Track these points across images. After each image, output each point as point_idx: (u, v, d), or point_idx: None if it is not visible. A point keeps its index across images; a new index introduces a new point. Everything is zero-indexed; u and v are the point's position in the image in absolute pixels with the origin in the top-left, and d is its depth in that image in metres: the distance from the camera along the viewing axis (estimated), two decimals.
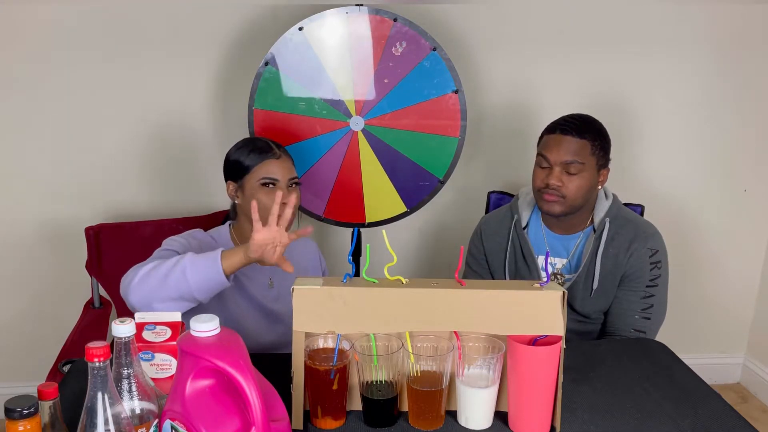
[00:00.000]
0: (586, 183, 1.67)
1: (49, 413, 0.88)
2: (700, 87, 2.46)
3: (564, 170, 1.66)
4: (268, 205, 1.53)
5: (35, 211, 2.31)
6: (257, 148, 1.62)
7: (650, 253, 1.70)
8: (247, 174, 1.61)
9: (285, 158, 1.63)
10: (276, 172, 1.59)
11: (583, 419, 1.18)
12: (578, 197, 1.68)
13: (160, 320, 1.16)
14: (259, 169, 1.60)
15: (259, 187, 1.59)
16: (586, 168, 1.66)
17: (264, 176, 1.59)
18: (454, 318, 1.14)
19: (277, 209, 1.37)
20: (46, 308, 2.39)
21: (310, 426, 1.15)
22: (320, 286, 1.13)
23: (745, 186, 2.60)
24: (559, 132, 1.68)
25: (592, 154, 1.67)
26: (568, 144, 1.66)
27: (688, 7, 2.37)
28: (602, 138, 1.70)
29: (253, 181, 1.60)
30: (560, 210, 1.69)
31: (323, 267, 1.85)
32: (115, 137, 2.27)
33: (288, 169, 1.62)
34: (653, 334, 1.71)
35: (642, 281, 1.70)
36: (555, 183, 1.66)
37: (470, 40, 2.32)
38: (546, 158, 1.68)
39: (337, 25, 1.97)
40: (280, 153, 1.62)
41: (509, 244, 1.82)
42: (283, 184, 1.60)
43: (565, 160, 1.65)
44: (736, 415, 1.21)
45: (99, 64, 2.21)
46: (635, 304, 1.70)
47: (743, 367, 2.81)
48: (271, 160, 1.60)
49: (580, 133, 1.66)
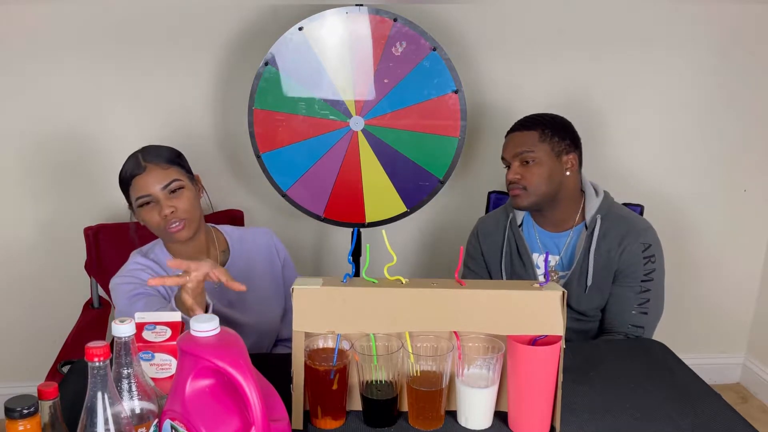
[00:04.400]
0: (545, 170, 1.71)
1: (49, 413, 0.88)
2: (699, 87, 2.46)
3: (519, 163, 1.73)
4: (153, 224, 1.51)
5: (35, 211, 2.32)
6: (127, 168, 1.52)
7: (643, 247, 1.71)
8: (129, 198, 1.54)
9: (152, 167, 1.49)
10: (145, 188, 1.49)
11: (583, 419, 1.18)
12: (540, 185, 1.71)
13: (160, 320, 1.16)
14: (132, 190, 1.51)
15: (140, 209, 1.51)
16: (540, 155, 1.72)
17: (137, 196, 1.50)
18: (454, 318, 1.14)
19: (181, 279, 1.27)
20: (46, 308, 2.39)
21: (310, 426, 1.15)
22: (320, 286, 1.13)
23: (744, 186, 2.60)
24: (508, 133, 1.79)
25: (542, 141, 1.72)
26: (516, 138, 1.75)
27: (688, 7, 2.37)
28: (553, 126, 1.75)
29: (135, 205, 1.52)
30: (527, 202, 1.73)
31: (282, 255, 1.73)
32: (115, 137, 2.27)
33: (157, 179, 1.49)
34: (651, 330, 1.72)
35: (637, 276, 1.70)
36: (512, 177, 1.74)
37: (470, 40, 2.32)
38: (504, 158, 1.78)
39: (337, 25, 1.97)
40: (145, 164, 1.49)
41: (505, 243, 1.83)
42: (159, 196, 1.49)
43: (516, 152, 1.73)
44: (736, 415, 1.21)
45: (99, 64, 2.21)
46: (631, 299, 1.70)
47: (743, 367, 2.81)
48: (137, 177, 1.49)
49: (525, 126, 1.76)
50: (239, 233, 1.70)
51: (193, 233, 1.54)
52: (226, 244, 1.66)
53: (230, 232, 1.69)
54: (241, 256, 1.66)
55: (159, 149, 1.56)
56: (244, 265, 1.65)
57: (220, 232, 1.68)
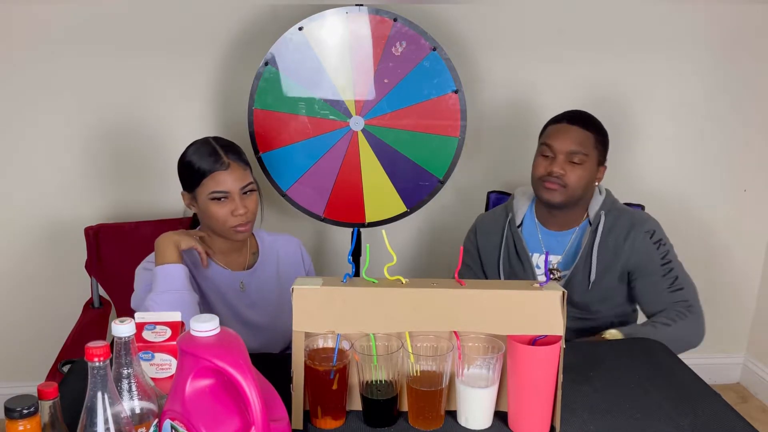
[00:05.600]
0: (587, 174, 1.71)
1: (49, 413, 0.88)
2: (699, 87, 2.47)
3: (567, 159, 1.69)
4: (220, 218, 1.52)
5: (35, 211, 2.32)
6: (204, 158, 1.52)
7: (649, 235, 1.73)
8: (197, 186, 1.53)
9: (235, 166, 1.52)
10: (225, 184, 1.50)
11: (583, 419, 1.18)
12: (578, 188, 1.70)
13: (160, 320, 1.16)
14: (208, 182, 1.51)
15: (210, 201, 1.52)
16: (589, 160, 1.70)
17: (213, 190, 1.50)
18: (453, 318, 1.14)
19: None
20: (46, 308, 2.40)
21: (310, 426, 1.15)
22: (320, 286, 1.13)
23: (744, 186, 2.60)
24: (566, 122, 1.72)
25: (595, 148, 1.71)
26: (575, 134, 1.70)
27: (688, 7, 2.37)
28: (604, 134, 1.76)
29: (204, 195, 1.52)
30: (560, 199, 1.71)
31: (307, 266, 1.76)
32: (115, 136, 2.27)
33: (239, 178, 1.52)
34: (698, 303, 1.72)
35: (655, 263, 1.72)
36: (558, 171, 1.68)
37: (470, 40, 2.32)
38: (551, 147, 1.71)
39: (337, 25, 1.97)
40: (228, 161, 1.51)
41: (503, 243, 1.83)
42: (235, 195, 1.51)
43: (571, 149, 1.69)
44: (736, 415, 1.21)
45: (99, 63, 2.21)
46: (660, 283, 1.71)
47: (743, 367, 2.81)
48: (219, 171, 1.50)
49: (585, 125, 1.71)
50: (270, 237, 1.73)
51: (250, 233, 1.60)
52: (257, 246, 1.70)
53: (262, 235, 1.72)
54: (270, 259, 1.69)
55: (235, 147, 1.58)
56: (271, 268, 1.69)
57: (252, 235, 1.70)
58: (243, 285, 1.63)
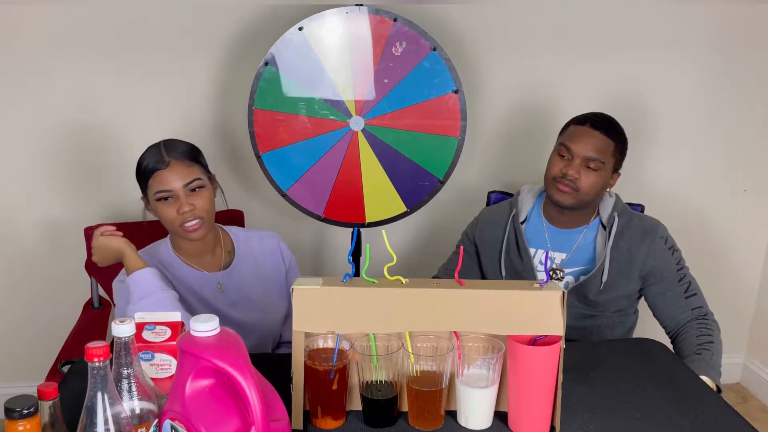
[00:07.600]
0: (600, 181, 1.70)
1: (49, 413, 0.88)
2: (701, 87, 2.46)
3: (584, 164, 1.68)
4: (168, 219, 1.51)
5: (35, 211, 2.32)
6: (148, 159, 1.52)
7: (663, 241, 1.74)
8: (147, 189, 1.53)
9: (176, 163, 1.50)
10: (167, 182, 1.49)
11: (583, 419, 1.18)
12: (590, 194, 1.70)
13: (160, 320, 1.16)
14: (152, 182, 1.50)
15: (157, 202, 1.51)
16: (605, 167, 1.69)
17: (157, 190, 1.50)
18: (453, 318, 1.14)
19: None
20: (46, 308, 2.40)
21: (310, 426, 1.15)
22: (320, 286, 1.13)
23: (745, 186, 2.60)
24: (589, 125, 1.70)
25: (613, 156, 1.70)
26: (596, 140, 1.68)
27: (690, 7, 2.37)
28: (624, 142, 1.74)
29: (152, 196, 1.52)
30: (571, 202, 1.70)
31: (287, 260, 1.73)
32: (115, 136, 2.27)
33: (180, 175, 1.49)
34: (707, 306, 1.75)
35: (672, 270, 1.73)
36: (573, 174, 1.67)
37: (470, 40, 2.32)
38: (569, 149, 1.69)
39: (337, 25, 1.97)
40: (169, 159, 1.50)
41: (506, 238, 1.83)
42: (179, 193, 1.50)
43: (589, 155, 1.67)
44: (736, 415, 1.21)
45: (98, 64, 2.21)
46: (677, 289, 1.73)
47: (743, 367, 2.81)
48: (160, 170, 1.49)
49: (608, 131, 1.69)
50: (245, 235, 1.70)
51: (207, 232, 1.55)
52: (232, 245, 1.67)
53: (236, 233, 1.69)
54: (246, 257, 1.67)
55: (182, 144, 1.56)
56: (249, 266, 1.66)
57: (226, 233, 1.69)
58: (221, 285, 1.62)
